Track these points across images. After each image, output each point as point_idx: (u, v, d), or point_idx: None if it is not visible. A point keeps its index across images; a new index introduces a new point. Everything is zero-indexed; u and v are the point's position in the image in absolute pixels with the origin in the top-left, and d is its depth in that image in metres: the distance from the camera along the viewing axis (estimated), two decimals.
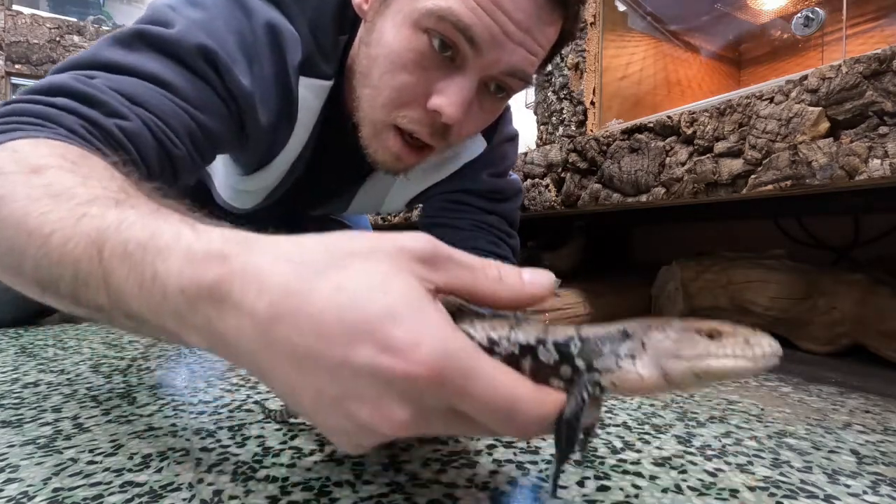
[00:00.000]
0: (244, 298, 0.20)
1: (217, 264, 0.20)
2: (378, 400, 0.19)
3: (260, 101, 0.49)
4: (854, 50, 1.00)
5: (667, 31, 1.19)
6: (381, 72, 0.48)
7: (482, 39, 0.44)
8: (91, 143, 0.34)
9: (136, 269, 0.22)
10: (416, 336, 0.18)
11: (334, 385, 0.19)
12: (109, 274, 0.23)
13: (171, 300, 0.21)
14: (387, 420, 0.19)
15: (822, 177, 0.50)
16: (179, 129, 0.42)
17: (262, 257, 0.20)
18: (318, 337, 0.19)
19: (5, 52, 2.28)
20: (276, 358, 0.20)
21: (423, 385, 0.18)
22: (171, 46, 0.42)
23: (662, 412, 0.43)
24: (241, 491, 0.27)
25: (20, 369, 0.51)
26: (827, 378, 0.58)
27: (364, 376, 0.19)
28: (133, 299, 0.23)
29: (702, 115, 0.61)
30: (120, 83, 0.39)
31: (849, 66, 0.48)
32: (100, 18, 2.87)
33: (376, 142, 0.52)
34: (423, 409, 0.19)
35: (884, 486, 0.31)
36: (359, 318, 0.19)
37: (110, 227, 0.23)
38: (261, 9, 0.48)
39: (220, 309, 0.20)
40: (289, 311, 0.19)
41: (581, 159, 0.79)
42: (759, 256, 0.78)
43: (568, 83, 1.05)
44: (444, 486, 0.28)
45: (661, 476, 0.31)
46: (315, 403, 0.20)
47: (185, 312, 0.21)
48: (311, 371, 0.19)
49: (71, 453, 0.31)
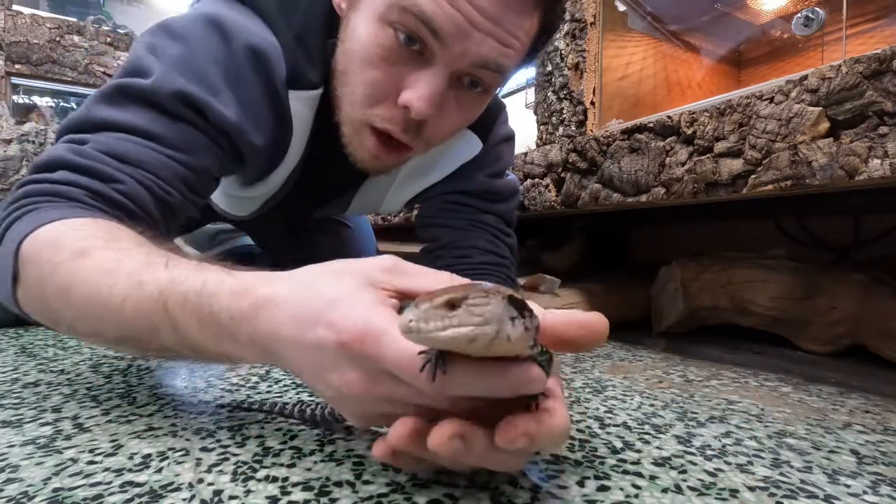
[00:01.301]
0: (267, 313, 0.28)
1: (251, 295, 0.28)
2: (336, 366, 0.25)
3: (252, 125, 0.49)
4: (854, 50, 1.00)
5: (667, 31, 1.19)
6: (354, 68, 0.48)
7: (446, 30, 0.43)
8: (100, 209, 0.40)
9: (196, 311, 0.30)
10: (346, 313, 0.25)
11: (313, 360, 0.26)
12: (175, 320, 0.31)
13: (225, 327, 0.29)
14: (346, 382, 0.25)
15: (822, 177, 0.50)
16: (170, 178, 0.44)
17: (277, 285, 0.28)
18: (298, 327, 0.26)
19: (5, 52, 2.28)
20: (288, 351, 0.27)
21: (353, 349, 0.24)
22: (150, 96, 0.44)
23: (662, 412, 0.43)
24: (241, 491, 0.27)
25: (20, 369, 0.51)
26: (827, 378, 0.58)
27: (322, 349, 0.25)
28: (198, 335, 0.30)
29: (702, 115, 0.61)
30: (109, 144, 0.42)
31: (849, 66, 0.48)
32: (100, 18, 2.87)
33: (356, 141, 0.52)
34: (368, 370, 0.25)
35: (884, 486, 0.31)
36: (317, 307, 0.26)
37: (167, 286, 0.31)
38: (240, 31, 0.48)
39: (254, 324, 0.28)
40: (287, 314, 0.27)
41: (581, 159, 0.79)
42: (759, 256, 0.78)
43: (568, 83, 1.05)
44: (444, 486, 0.28)
45: (661, 476, 0.31)
46: (311, 379, 0.27)
47: (236, 333, 0.29)
48: (301, 352, 0.27)
49: (71, 453, 0.31)
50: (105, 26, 2.66)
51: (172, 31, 0.47)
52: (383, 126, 0.49)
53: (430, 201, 0.71)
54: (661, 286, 0.84)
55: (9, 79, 2.34)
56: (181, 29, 0.47)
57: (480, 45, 0.44)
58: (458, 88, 0.49)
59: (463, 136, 0.64)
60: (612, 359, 0.66)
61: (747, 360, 0.67)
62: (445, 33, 0.43)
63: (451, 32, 0.43)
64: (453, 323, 0.19)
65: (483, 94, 0.51)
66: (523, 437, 0.22)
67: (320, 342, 0.25)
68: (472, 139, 0.65)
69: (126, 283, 0.32)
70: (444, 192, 0.69)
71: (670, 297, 0.82)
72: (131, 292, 0.32)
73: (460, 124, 0.55)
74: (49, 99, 2.65)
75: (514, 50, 0.46)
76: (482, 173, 0.68)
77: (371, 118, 0.49)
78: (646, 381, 0.54)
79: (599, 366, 0.61)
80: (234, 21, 0.48)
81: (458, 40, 0.43)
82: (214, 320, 0.29)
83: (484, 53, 0.45)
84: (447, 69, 0.46)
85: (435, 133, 0.51)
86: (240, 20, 0.48)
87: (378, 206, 0.74)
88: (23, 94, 2.53)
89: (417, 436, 0.23)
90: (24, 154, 1.14)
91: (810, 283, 0.70)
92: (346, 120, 0.52)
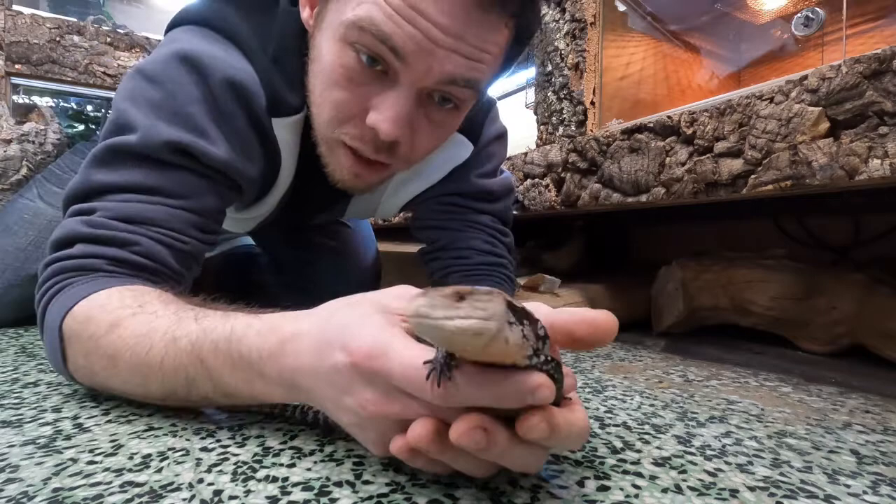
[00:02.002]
0: (292, 346, 0.29)
1: (277, 334, 0.30)
2: (351, 388, 0.26)
3: (244, 158, 0.49)
4: (854, 50, 1.00)
5: (667, 31, 1.19)
6: (321, 89, 0.47)
7: (406, 49, 0.41)
8: (124, 274, 0.42)
9: (227, 356, 0.32)
10: (356, 334, 0.26)
11: (331, 386, 0.27)
12: (210, 368, 0.32)
13: (254, 366, 0.31)
14: (361, 403, 0.26)
15: (822, 177, 0.50)
16: (182, 227, 0.46)
17: (301, 322, 0.30)
18: (317, 355, 0.28)
19: (5, 52, 2.28)
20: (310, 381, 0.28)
21: (363, 367, 0.25)
22: (141, 151, 0.45)
23: (662, 412, 0.43)
24: (241, 491, 0.27)
25: (20, 369, 0.51)
26: (827, 378, 0.58)
27: (339, 372, 0.26)
28: (230, 379, 0.32)
29: (702, 115, 0.61)
30: (117, 209, 0.43)
31: (849, 66, 0.48)
32: (100, 18, 2.87)
33: (333, 160, 0.51)
34: (381, 388, 0.25)
35: (884, 486, 0.31)
36: (332, 334, 0.27)
37: (199, 337, 0.33)
38: (215, 65, 0.47)
39: (281, 360, 0.29)
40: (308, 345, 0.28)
41: (581, 159, 0.79)
42: (759, 256, 0.78)
43: (568, 83, 1.05)
44: (444, 486, 0.28)
45: (661, 476, 0.31)
46: (333, 407, 0.28)
47: (265, 370, 0.30)
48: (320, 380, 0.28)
49: (71, 453, 0.31)
50: (105, 26, 2.66)
51: (148, 76, 0.47)
52: (353, 144, 0.49)
53: (424, 204, 0.71)
54: (661, 286, 0.84)
55: (9, 79, 2.34)
56: (156, 72, 0.47)
57: (444, 62, 0.42)
58: (429, 105, 0.47)
59: (453, 139, 0.64)
60: (612, 359, 0.66)
61: (747, 360, 0.67)
62: (406, 52, 0.41)
63: (411, 50, 0.41)
64: (460, 314, 0.20)
65: (456, 110, 0.50)
66: (543, 424, 0.22)
67: (336, 366, 0.26)
68: (462, 142, 0.65)
69: (161, 343, 0.34)
70: (439, 195, 0.69)
71: (670, 297, 0.82)
72: (167, 350, 0.34)
73: (437, 141, 0.53)
74: (49, 99, 2.65)
75: (483, 63, 0.45)
76: (475, 174, 0.68)
77: (341, 136, 0.49)
78: (646, 381, 0.54)
79: (599, 366, 0.61)
80: (207, 55, 0.47)
81: (419, 58, 0.42)
82: (244, 361, 0.31)
83: (449, 70, 0.43)
84: (412, 88, 0.44)
85: (411, 151, 0.50)
86: (213, 52, 0.48)
87: (374, 212, 0.74)
88: (23, 94, 2.53)
89: (437, 435, 0.23)
90: (24, 154, 1.14)
91: (810, 283, 0.70)
92: (320, 140, 0.51)
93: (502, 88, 2.05)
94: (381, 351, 0.24)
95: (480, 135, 0.66)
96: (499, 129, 0.70)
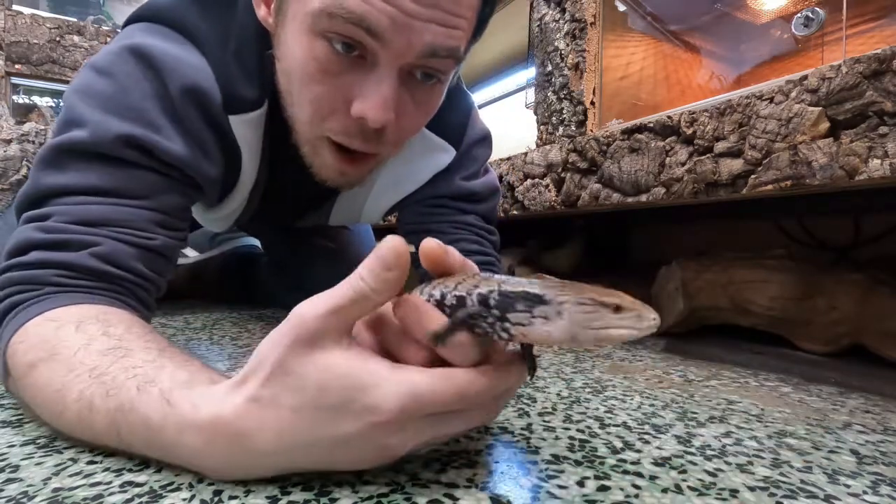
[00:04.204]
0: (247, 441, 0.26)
1: (202, 433, 0.26)
2: (384, 441, 0.25)
3: (200, 155, 0.48)
4: (854, 50, 1.00)
5: (667, 31, 1.19)
6: (296, 87, 0.45)
7: (381, 27, 0.39)
8: (72, 287, 0.38)
9: (149, 446, 0.28)
10: (377, 398, 0.24)
11: (353, 450, 0.26)
12: (135, 449, 0.29)
13: (194, 462, 0.27)
14: (392, 448, 0.26)
15: (822, 177, 0.50)
16: (144, 225, 0.43)
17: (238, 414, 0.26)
18: (312, 433, 0.25)
19: (5, 52, 2.28)
20: (301, 457, 0.27)
21: (396, 423, 0.24)
22: (92, 148, 0.42)
23: (662, 412, 0.43)
24: (241, 491, 0.27)
25: None
26: (827, 378, 0.58)
27: (365, 437, 0.25)
28: (167, 460, 0.29)
29: (702, 115, 0.61)
30: (72, 212, 0.40)
31: (849, 66, 0.48)
32: (100, 18, 2.87)
33: (317, 160, 0.50)
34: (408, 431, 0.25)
35: (884, 486, 0.31)
36: (337, 407, 0.25)
37: (114, 414, 0.29)
38: (167, 62, 0.45)
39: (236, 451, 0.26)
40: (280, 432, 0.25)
41: (581, 159, 0.79)
42: (759, 256, 0.78)
43: (568, 83, 1.05)
44: (444, 486, 0.28)
45: (661, 476, 0.31)
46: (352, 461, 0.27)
47: (205, 463, 0.27)
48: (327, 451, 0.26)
49: (71, 453, 0.31)
50: (105, 26, 2.66)
51: (99, 69, 0.45)
52: (340, 139, 0.47)
53: (409, 208, 0.70)
54: (661, 286, 0.84)
55: (9, 79, 2.34)
56: (108, 65, 0.45)
57: (423, 33, 0.40)
58: (411, 83, 0.46)
59: (435, 145, 0.63)
60: (612, 359, 0.66)
61: (747, 360, 0.67)
62: (382, 30, 0.39)
63: (387, 28, 0.39)
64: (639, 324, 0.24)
65: (439, 84, 0.48)
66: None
67: (363, 432, 0.25)
68: (444, 147, 0.64)
69: (75, 407, 0.30)
70: (422, 199, 0.68)
71: (670, 297, 0.82)
72: (81, 417, 0.30)
73: (424, 119, 0.52)
74: (49, 99, 2.65)
75: (460, 30, 0.43)
76: (458, 177, 0.67)
77: (325, 132, 0.47)
78: (646, 381, 0.54)
79: (599, 366, 0.61)
80: (160, 50, 0.45)
81: (397, 34, 0.40)
82: (174, 457, 0.28)
83: (429, 41, 0.41)
84: (394, 67, 0.42)
85: (397, 135, 0.49)
86: (165, 48, 0.46)
87: (357, 218, 0.74)
88: (23, 94, 2.53)
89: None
90: (24, 154, 1.14)
91: (810, 283, 0.70)
92: (302, 140, 0.50)
93: (502, 88, 2.05)
94: (413, 399, 0.24)
95: (463, 139, 0.65)
96: (480, 132, 0.69)
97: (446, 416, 0.26)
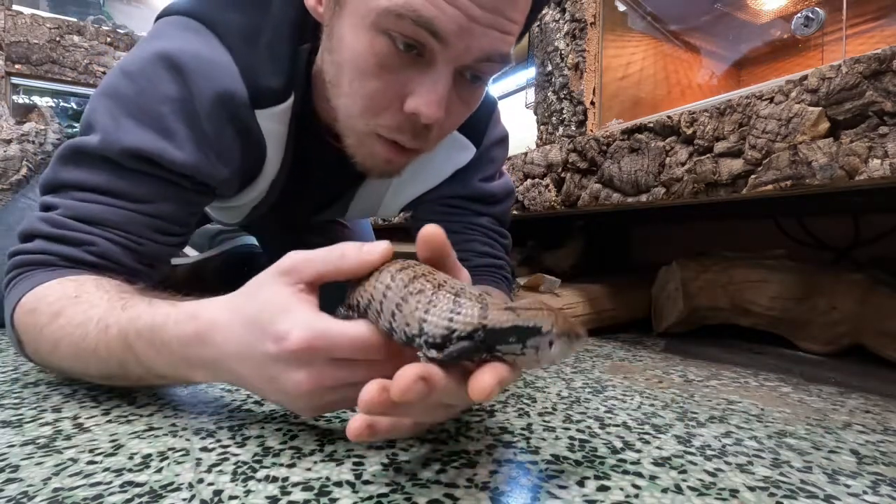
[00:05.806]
0: (211, 337, 0.32)
1: (193, 323, 0.33)
2: (286, 371, 0.30)
3: (212, 159, 0.49)
4: (854, 50, 1.00)
5: (667, 31, 1.19)
6: (349, 80, 0.46)
7: (447, 31, 0.40)
8: (73, 269, 0.44)
9: (151, 343, 0.35)
10: (285, 324, 0.29)
11: (263, 373, 0.31)
12: (137, 353, 0.36)
13: (176, 352, 0.34)
14: (296, 383, 0.29)
15: (822, 177, 0.50)
16: (138, 230, 0.47)
17: (217, 310, 0.33)
18: (246, 345, 0.31)
19: (5, 52, 2.28)
20: (238, 368, 0.32)
21: (302, 353, 0.29)
22: (102, 153, 0.45)
23: (662, 412, 0.43)
24: (241, 491, 0.27)
25: (20, 369, 0.51)
26: (827, 378, 0.58)
27: (271, 360, 0.30)
28: (157, 363, 0.35)
29: (702, 115, 0.61)
30: (76, 209, 0.45)
31: (849, 66, 0.48)
32: (100, 18, 2.87)
33: (363, 150, 0.50)
34: (314, 367, 0.29)
35: (884, 486, 0.31)
36: (258, 324, 0.30)
37: (126, 325, 0.36)
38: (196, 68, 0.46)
39: (200, 349, 0.33)
40: (231, 336, 0.32)
41: (581, 159, 0.79)
42: (759, 256, 0.78)
43: (568, 83, 1.05)
44: (444, 486, 0.28)
45: (661, 476, 0.31)
46: (262, 388, 0.32)
47: (188, 355, 0.34)
48: (251, 367, 0.31)
49: (71, 453, 0.31)
50: (105, 26, 2.66)
51: (126, 71, 0.47)
52: (391, 136, 0.47)
53: (424, 205, 0.70)
54: (661, 286, 0.84)
55: (9, 79, 2.34)
56: (135, 69, 0.47)
57: (482, 39, 0.42)
58: (460, 83, 0.47)
59: (457, 141, 0.63)
60: (612, 359, 0.66)
61: (747, 360, 0.67)
62: (447, 33, 0.40)
63: (452, 32, 0.40)
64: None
65: (481, 85, 0.49)
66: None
67: (267, 354, 0.30)
68: (465, 145, 0.64)
69: (94, 331, 0.37)
70: (440, 197, 0.69)
71: (670, 297, 0.82)
72: (100, 338, 0.37)
73: (463, 118, 0.53)
74: (49, 99, 2.65)
75: (513, 35, 0.44)
76: (476, 178, 0.67)
77: (376, 128, 0.47)
78: (646, 381, 0.54)
79: (599, 366, 0.61)
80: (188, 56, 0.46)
81: (460, 38, 0.41)
82: (167, 349, 0.34)
83: (486, 47, 0.43)
84: (450, 68, 0.43)
85: (441, 131, 0.50)
86: (193, 53, 0.47)
87: (375, 211, 0.74)
88: (23, 94, 2.53)
89: (387, 392, 0.25)
90: (24, 154, 1.14)
91: (810, 283, 0.70)
92: (347, 131, 0.50)
93: (502, 88, 2.05)
94: (318, 333, 0.28)
95: (483, 137, 0.66)
96: (501, 133, 0.70)
97: (354, 369, 0.30)
